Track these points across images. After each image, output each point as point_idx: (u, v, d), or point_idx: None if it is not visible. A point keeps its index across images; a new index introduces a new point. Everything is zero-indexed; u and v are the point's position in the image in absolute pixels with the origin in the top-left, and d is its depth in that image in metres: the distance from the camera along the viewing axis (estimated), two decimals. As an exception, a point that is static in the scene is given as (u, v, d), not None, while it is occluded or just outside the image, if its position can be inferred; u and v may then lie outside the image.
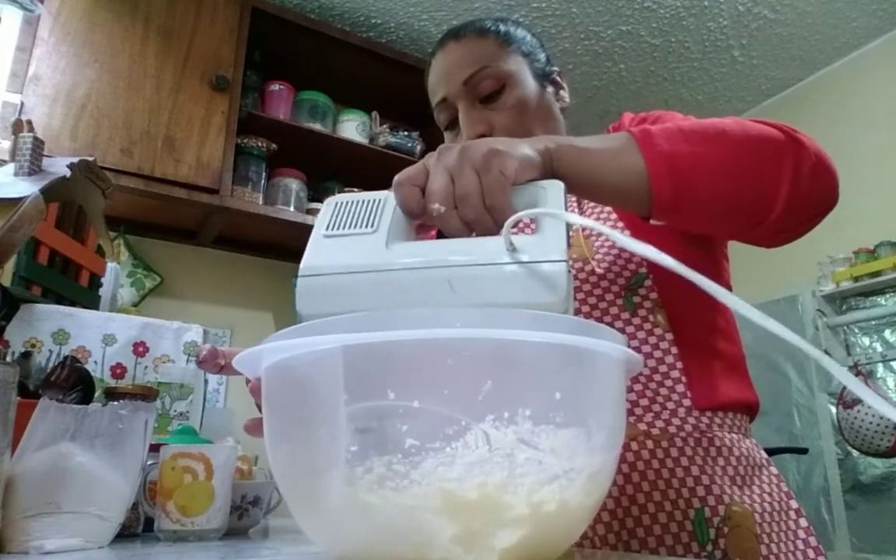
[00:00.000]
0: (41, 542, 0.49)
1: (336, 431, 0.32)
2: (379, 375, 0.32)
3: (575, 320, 0.34)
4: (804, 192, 0.56)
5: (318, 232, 0.45)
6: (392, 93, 2.39)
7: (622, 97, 2.83)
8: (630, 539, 0.61)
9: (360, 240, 0.43)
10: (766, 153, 0.55)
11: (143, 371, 0.97)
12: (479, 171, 0.44)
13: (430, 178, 0.45)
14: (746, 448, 0.67)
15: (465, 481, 0.30)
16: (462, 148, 0.45)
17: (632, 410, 0.65)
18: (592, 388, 0.36)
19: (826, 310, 2.39)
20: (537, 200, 0.45)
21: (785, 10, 2.34)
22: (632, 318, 0.67)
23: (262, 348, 0.36)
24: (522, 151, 0.47)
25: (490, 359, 0.32)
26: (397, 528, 0.31)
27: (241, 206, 1.92)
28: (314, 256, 0.43)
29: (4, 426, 0.46)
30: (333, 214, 0.45)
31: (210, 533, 0.63)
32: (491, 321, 0.32)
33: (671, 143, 0.53)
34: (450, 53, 0.77)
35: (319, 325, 0.33)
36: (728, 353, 0.70)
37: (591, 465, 0.34)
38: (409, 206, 0.45)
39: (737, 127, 0.56)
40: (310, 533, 0.38)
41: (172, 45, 1.90)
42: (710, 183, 0.53)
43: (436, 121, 0.81)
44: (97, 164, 1.00)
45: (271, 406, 0.38)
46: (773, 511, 0.64)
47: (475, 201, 0.43)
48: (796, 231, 0.59)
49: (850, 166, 2.45)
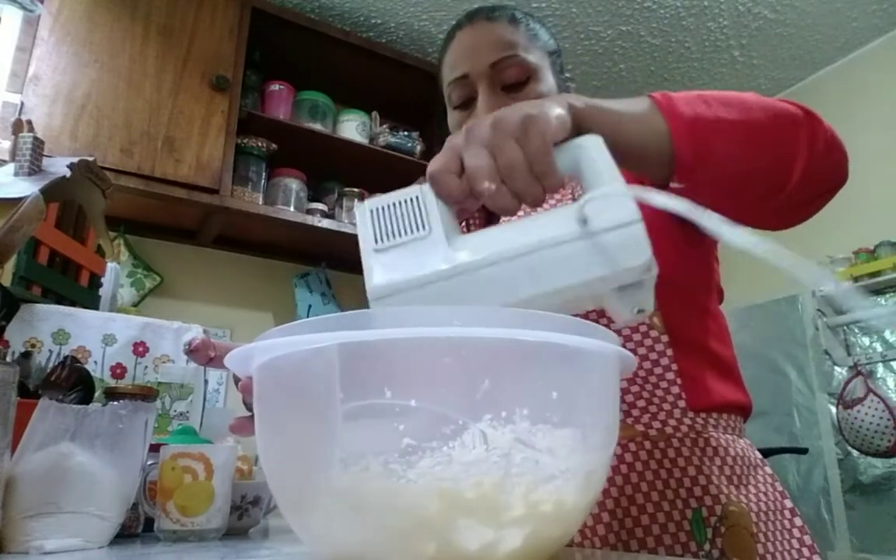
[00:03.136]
0: (41, 542, 0.49)
1: (331, 430, 0.32)
2: (375, 374, 0.32)
3: (570, 319, 0.34)
4: (819, 165, 0.56)
5: (368, 248, 0.41)
6: (392, 93, 2.39)
7: (622, 97, 2.83)
8: (629, 539, 0.61)
9: (418, 246, 0.40)
10: (784, 123, 0.55)
11: (143, 371, 0.97)
12: (519, 140, 0.42)
13: (468, 157, 0.42)
14: (741, 448, 0.67)
15: (461, 481, 0.30)
16: (494, 120, 0.43)
17: (629, 412, 0.65)
18: (588, 387, 0.36)
19: (826, 310, 2.39)
20: (579, 158, 0.43)
21: (785, 10, 2.34)
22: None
23: (253, 346, 0.35)
24: (556, 111, 0.45)
25: (487, 358, 0.32)
26: (393, 528, 0.31)
27: (241, 206, 1.92)
28: (378, 276, 0.40)
29: (4, 426, 0.46)
30: (375, 224, 0.42)
31: (210, 533, 0.63)
32: (487, 320, 0.32)
33: (692, 106, 0.53)
34: (479, 31, 0.76)
35: (314, 323, 0.32)
36: (721, 355, 0.71)
37: (587, 465, 0.34)
38: (452, 195, 0.42)
39: (755, 98, 0.56)
40: (302, 533, 0.37)
41: (172, 45, 1.90)
42: (730, 147, 0.53)
43: (446, 98, 0.79)
44: (97, 164, 1.00)
45: (264, 405, 0.37)
46: (768, 510, 0.64)
47: (522, 171, 0.41)
48: (807, 209, 0.60)
49: (850, 166, 2.44)
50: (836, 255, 2.32)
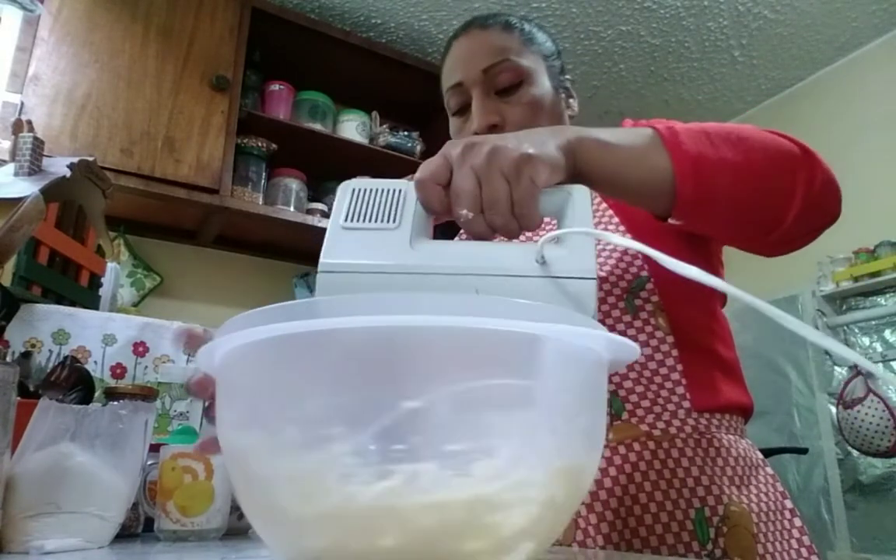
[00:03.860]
0: (41, 542, 0.49)
1: (315, 430, 0.30)
2: (363, 369, 0.29)
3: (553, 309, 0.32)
4: (814, 206, 0.57)
5: (336, 221, 0.42)
6: (392, 93, 2.39)
7: (622, 97, 2.83)
8: (633, 538, 0.61)
9: (382, 235, 0.41)
10: (783, 164, 0.56)
11: (143, 371, 0.97)
12: (510, 178, 0.42)
13: (456, 178, 0.43)
14: (743, 448, 0.68)
15: (453, 488, 0.29)
16: (492, 150, 0.43)
17: (633, 412, 0.65)
18: (590, 381, 0.35)
19: (826, 310, 2.39)
20: (564, 206, 0.44)
21: (785, 10, 2.34)
22: (633, 321, 0.68)
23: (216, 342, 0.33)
24: (552, 155, 0.45)
25: (476, 354, 0.30)
26: (418, 528, 0.29)
27: (241, 206, 1.92)
28: (334, 250, 0.41)
29: (4, 426, 0.46)
30: (351, 203, 0.43)
31: (210, 533, 0.63)
32: (484, 310, 0.30)
33: (697, 144, 0.53)
34: (473, 39, 0.77)
35: (277, 311, 0.29)
36: (725, 356, 0.71)
37: (582, 460, 0.34)
38: (432, 206, 0.43)
39: (757, 136, 0.56)
40: (269, 540, 0.33)
41: (172, 45, 1.90)
42: (730, 188, 0.54)
43: (445, 105, 0.80)
44: (97, 164, 1.00)
45: (232, 397, 0.34)
46: (769, 511, 0.65)
47: (504, 209, 0.42)
48: (800, 242, 0.60)
49: (850, 166, 2.45)
50: (836, 255, 2.32)
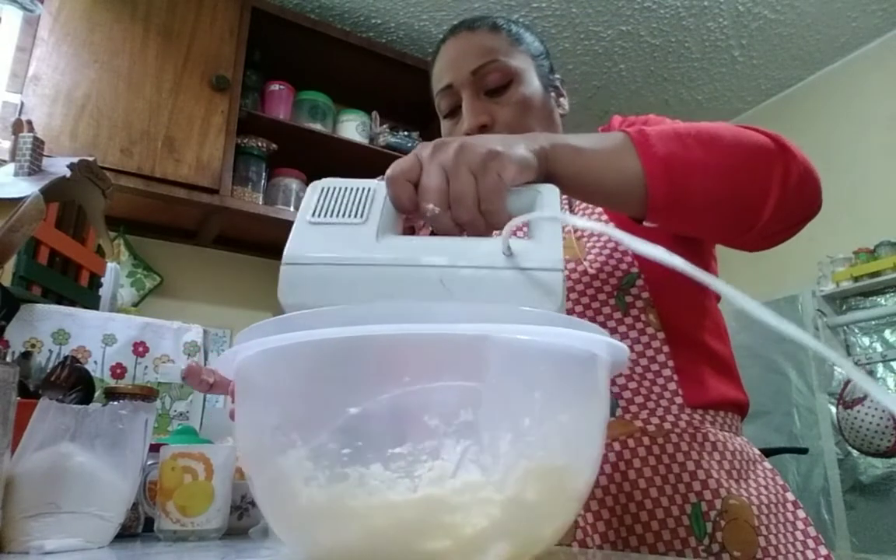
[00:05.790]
0: (41, 542, 0.49)
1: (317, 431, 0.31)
2: (357, 374, 0.31)
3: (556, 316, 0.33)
4: (791, 200, 0.57)
5: (304, 217, 0.42)
6: (392, 93, 2.39)
7: (622, 97, 2.83)
8: (629, 535, 0.61)
9: (348, 230, 0.41)
10: (757, 160, 0.56)
11: (143, 371, 0.97)
12: (476, 174, 0.43)
13: (424, 174, 0.43)
14: (739, 444, 0.68)
15: (446, 485, 0.29)
16: (460, 147, 0.44)
17: (627, 408, 0.66)
18: (571, 381, 0.35)
19: (826, 310, 2.39)
20: (533, 204, 0.44)
21: (785, 10, 2.34)
22: (624, 318, 0.68)
23: (235, 349, 0.35)
24: (520, 153, 0.46)
25: (472, 356, 0.31)
26: (375, 528, 0.30)
27: (241, 206, 1.92)
28: (299, 244, 0.41)
29: (4, 426, 0.46)
30: (320, 200, 0.43)
31: (210, 533, 0.63)
32: (481, 316, 0.31)
33: (667, 145, 0.53)
34: (461, 42, 0.78)
35: (299, 319, 0.31)
36: (718, 352, 0.71)
37: (561, 460, 0.34)
38: (401, 203, 0.44)
39: (729, 133, 0.56)
40: (281, 532, 0.36)
41: (172, 45, 1.90)
42: (703, 187, 0.54)
43: (436, 108, 0.81)
44: (97, 164, 1.00)
45: (245, 399, 0.36)
46: (770, 503, 0.64)
47: (470, 204, 0.42)
48: (780, 236, 0.60)
49: (850, 166, 2.46)
50: (836, 255, 2.32)
